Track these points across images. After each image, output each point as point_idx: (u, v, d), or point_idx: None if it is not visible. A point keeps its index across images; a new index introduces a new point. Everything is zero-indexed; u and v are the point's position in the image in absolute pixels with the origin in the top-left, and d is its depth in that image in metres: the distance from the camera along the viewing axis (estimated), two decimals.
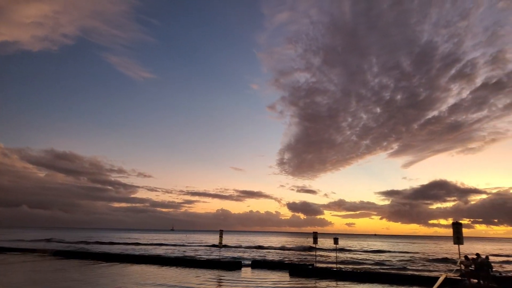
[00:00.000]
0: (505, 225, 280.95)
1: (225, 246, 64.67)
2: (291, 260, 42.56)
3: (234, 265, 33.97)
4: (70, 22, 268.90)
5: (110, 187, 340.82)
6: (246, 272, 30.16)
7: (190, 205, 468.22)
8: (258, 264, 35.18)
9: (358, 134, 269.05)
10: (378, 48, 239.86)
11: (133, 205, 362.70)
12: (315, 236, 30.48)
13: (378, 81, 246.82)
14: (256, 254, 51.25)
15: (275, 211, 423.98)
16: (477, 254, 21.41)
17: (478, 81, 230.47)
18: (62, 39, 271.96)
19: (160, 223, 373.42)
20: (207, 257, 44.42)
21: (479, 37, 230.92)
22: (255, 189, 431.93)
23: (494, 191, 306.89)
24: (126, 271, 29.15)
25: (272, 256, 49.28)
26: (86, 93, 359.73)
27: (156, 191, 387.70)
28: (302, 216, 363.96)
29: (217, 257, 41.04)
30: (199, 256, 45.15)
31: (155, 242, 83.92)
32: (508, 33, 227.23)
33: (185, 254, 48.68)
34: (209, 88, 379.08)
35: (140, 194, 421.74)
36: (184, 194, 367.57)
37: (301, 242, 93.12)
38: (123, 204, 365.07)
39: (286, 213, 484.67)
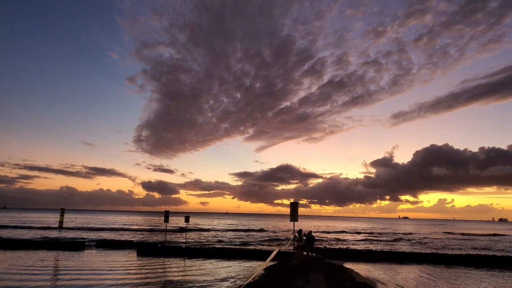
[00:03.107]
0: (334, 205, 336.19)
1: (68, 227, 59.34)
2: (142, 239, 41.97)
3: (76, 245, 31.83)
4: None
5: None
6: (91, 253, 28.62)
7: (27, 181, 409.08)
8: (104, 244, 33.71)
9: (219, 117, 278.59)
10: (243, 34, 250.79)
11: None
12: (167, 214, 30.88)
13: (241, 67, 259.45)
14: (104, 234, 48.65)
15: (128, 190, 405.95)
16: (300, 230, 25.28)
17: (325, 78, 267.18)
18: None
19: None
20: (44, 238, 39.97)
21: (329, 38, 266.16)
22: (107, 166, 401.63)
23: (328, 176, 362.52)
24: None
25: (122, 236, 47.52)
26: None
27: None
28: (157, 195, 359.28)
29: (57, 238, 37.34)
30: (35, 238, 40.23)
31: None
32: (352, 38, 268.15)
33: (18, 236, 42.73)
34: (59, 50, 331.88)
35: None
36: (20, 168, 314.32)
37: (153, 221, 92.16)
38: None
39: (140, 192, 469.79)
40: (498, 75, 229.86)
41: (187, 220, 31.32)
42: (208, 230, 64.39)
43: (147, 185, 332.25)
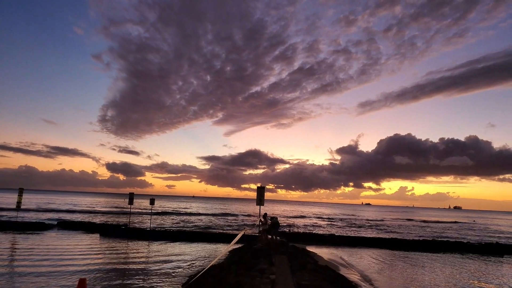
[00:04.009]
0: (300, 190, 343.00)
1: (27, 208, 57.02)
2: (105, 221, 41.05)
3: (35, 226, 30.71)
4: None
5: None
6: (51, 235, 27.68)
7: None
8: (65, 225, 32.77)
9: (187, 99, 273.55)
10: (214, 16, 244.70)
11: None
12: (131, 196, 30.27)
13: (211, 49, 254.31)
14: (66, 216, 47.17)
15: (92, 171, 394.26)
16: (265, 214, 25.63)
17: (296, 65, 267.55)
18: None
19: None
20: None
21: (301, 24, 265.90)
22: (70, 146, 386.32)
23: (295, 162, 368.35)
24: None
25: (85, 218, 46.26)
26: None
27: None
28: (121, 177, 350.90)
29: (14, 219, 35.74)
30: None
31: None
32: (323, 25, 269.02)
33: None
34: (19, 23, 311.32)
35: None
36: None
37: (117, 203, 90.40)
38: None
39: (105, 174, 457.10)
40: (461, 68, 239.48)
41: (152, 202, 30.92)
42: (174, 213, 63.95)
43: (111, 167, 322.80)
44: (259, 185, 23.10)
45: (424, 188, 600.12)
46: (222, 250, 19.95)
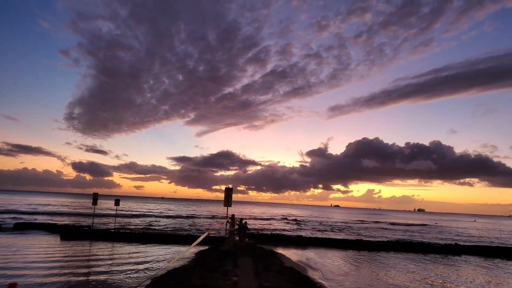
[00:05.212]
0: (271, 192, 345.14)
1: None
2: (68, 222, 39.42)
3: None
4: None
5: None
6: (8, 236, 26.27)
7: None
8: (24, 226, 31.30)
9: (158, 98, 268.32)
10: (188, 15, 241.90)
11: None
12: (95, 197, 29.23)
13: (184, 48, 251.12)
14: (26, 217, 44.99)
15: (57, 170, 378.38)
16: (233, 216, 25.55)
17: (269, 67, 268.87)
18: None
19: None
20: None
21: (275, 27, 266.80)
22: (34, 144, 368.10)
23: (267, 163, 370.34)
24: None
25: (46, 219, 44.28)
26: None
27: None
28: (88, 177, 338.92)
29: None
30: None
31: None
32: (296, 29, 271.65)
33: None
34: None
35: None
36: None
37: (82, 204, 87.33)
38: None
39: (70, 173, 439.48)
40: (426, 76, 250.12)
41: (117, 203, 30.04)
42: (141, 215, 62.44)
43: (77, 166, 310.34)
44: (230, 186, 22.97)
45: (391, 191, 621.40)
46: (186, 252, 19.60)
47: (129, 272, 15.37)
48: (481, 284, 17.18)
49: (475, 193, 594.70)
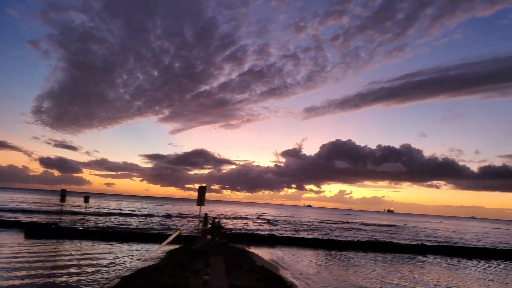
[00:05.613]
0: (245, 191, 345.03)
1: None
2: (33, 220, 37.95)
3: None
4: None
5: None
6: None
7: None
8: None
9: (132, 93, 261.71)
10: (165, 10, 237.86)
11: None
12: (63, 194, 28.36)
13: (160, 44, 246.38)
14: None
15: (23, 166, 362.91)
16: (206, 215, 25.46)
17: (246, 67, 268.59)
18: None
19: None
20: None
21: (253, 26, 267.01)
22: None
23: (242, 163, 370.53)
24: None
25: (9, 216, 42.42)
26: None
27: None
28: (56, 173, 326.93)
29: None
30: None
31: None
32: (274, 29, 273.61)
33: None
34: None
35: None
36: None
37: (50, 200, 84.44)
38: None
39: (37, 169, 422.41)
40: (399, 80, 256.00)
41: (86, 200, 29.29)
42: (111, 213, 60.95)
43: (45, 162, 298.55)
44: (204, 185, 22.77)
45: (362, 192, 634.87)
46: (158, 250, 19.35)
47: (98, 271, 15.01)
48: (444, 283, 17.93)
49: (441, 195, 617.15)
